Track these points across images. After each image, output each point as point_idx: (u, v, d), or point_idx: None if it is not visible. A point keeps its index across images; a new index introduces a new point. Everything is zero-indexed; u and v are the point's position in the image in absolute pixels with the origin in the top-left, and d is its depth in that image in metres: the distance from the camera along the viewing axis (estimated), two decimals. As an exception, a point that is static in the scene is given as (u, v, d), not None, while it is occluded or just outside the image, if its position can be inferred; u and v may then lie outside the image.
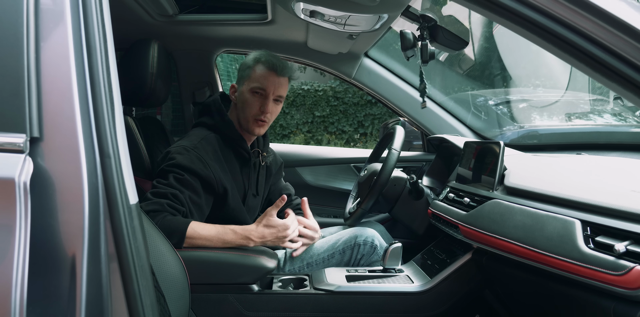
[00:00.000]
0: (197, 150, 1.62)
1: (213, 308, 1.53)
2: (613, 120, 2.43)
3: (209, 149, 1.66)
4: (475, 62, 3.10)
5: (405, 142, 2.08)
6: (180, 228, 1.47)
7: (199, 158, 1.61)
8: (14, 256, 0.73)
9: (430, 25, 1.61)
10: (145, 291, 0.83)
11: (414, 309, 1.60)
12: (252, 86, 1.71)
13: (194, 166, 1.58)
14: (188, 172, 1.57)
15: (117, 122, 0.84)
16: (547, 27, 0.92)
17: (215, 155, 1.67)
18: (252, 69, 1.72)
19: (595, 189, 1.17)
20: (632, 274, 0.94)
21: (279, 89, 1.72)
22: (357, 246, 1.78)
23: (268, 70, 1.70)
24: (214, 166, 1.64)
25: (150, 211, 1.46)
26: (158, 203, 1.49)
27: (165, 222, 1.45)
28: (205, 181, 1.60)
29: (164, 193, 1.52)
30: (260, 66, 1.71)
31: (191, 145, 1.63)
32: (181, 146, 1.63)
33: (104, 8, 0.86)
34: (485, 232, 1.38)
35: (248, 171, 1.78)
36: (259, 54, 1.75)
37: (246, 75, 1.73)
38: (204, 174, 1.59)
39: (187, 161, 1.58)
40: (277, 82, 1.71)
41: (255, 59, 1.73)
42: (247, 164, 1.78)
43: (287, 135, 9.10)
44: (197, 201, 1.58)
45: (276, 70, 1.70)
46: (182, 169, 1.57)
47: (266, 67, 1.71)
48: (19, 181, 0.74)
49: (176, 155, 1.59)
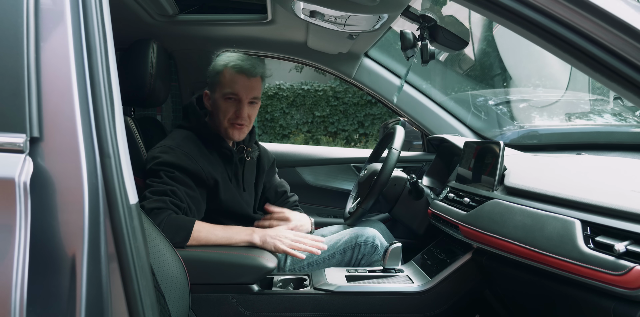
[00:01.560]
0: (181, 147, 1.64)
1: (213, 308, 1.53)
2: (613, 120, 2.43)
3: (192, 146, 1.67)
4: (475, 62, 3.10)
5: (405, 142, 2.08)
6: (187, 225, 1.50)
7: (185, 154, 1.62)
8: (14, 256, 0.73)
9: (430, 25, 1.61)
10: (145, 291, 0.83)
11: (414, 309, 1.60)
12: (224, 92, 1.69)
13: (182, 162, 1.59)
14: (177, 169, 1.58)
15: (117, 122, 0.84)
16: (547, 27, 0.92)
17: (199, 151, 1.68)
18: (222, 74, 1.70)
19: (595, 189, 1.17)
20: (632, 274, 0.94)
21: (252, 91, 1.70)
22: (358, 245, 1.78)
23: (237, 74, 1.67)
24: (201, 160, 1.65)
25: (154, 208, 1.48)
26: (161, 200, 1.50)
27: (171, 219, 1.48)
28: (194, 175, 1.61)
29: (163, 190, 1.53)
30: (229, 71, 1.68)
31: (174, 144, 1.65)
32: (165, 146, 1.65)
33: (104, 8, 0.86)
34: (485, 232, 1.38)
35: (233, 167, 1.78)
36: (226, 58, 1.72)
37: (216, 81, 1.71)
38: (192, 168, 1.60)
39: (174, 158, 1.60)
40: (249, 85, 1.69)
41: (224, 64, 1.70)
42: (230, 161, 1.77)
43: (287, 135, 9.10)
44: (193, 195, 1.60)
45: (245, 72, 1.67)
46: (170, 167, 1.58)
47: (235, 71, 1.68)
48: (19, 181, 0.74)
49: (162, 154, 1.61)
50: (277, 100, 9.01)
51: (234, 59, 1.70)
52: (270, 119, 9.08)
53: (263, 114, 9.02)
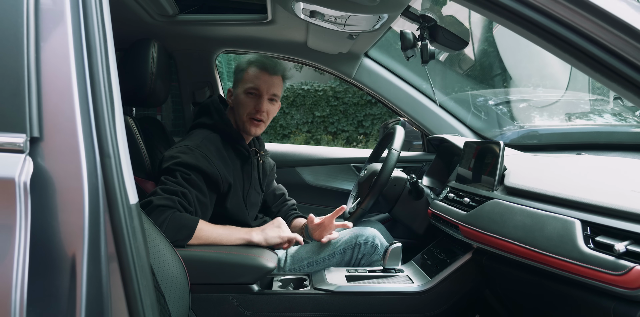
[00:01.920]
0: (200, 149, 1.65)
1: (213, 308, 1.53)
2: (613, 120, 2.43)
3: (211, 148, 1.68)
4: (475, 62, 3.10)
5: (405, 142, 2.08)
6: (190, 224, 1.52)
7: (204, 156, 1.63)
8: (14, 256, 0.73)
9: (430, 25, 1.61)
10: (145, 291, 0.83)
11: (414, 309, 1.60)
12: (246, 87, 1.76)
13: (200, 163, 1.61)
14: (194, 171, 1.59)
15: (117, 122, 0.84)
16: (547, 27, 0.92)
17: (218, 154, 1.69)
18: (245, 71, 1.78)
19: (595, 189, 1.17)
20: (632, 274, 0.94)
21: (272, 87, 1.76)
22: (358, 245, 1.78)
23: (260, 71, 1.76)
24: (218, 163, 1.66)
25: (162, 205, 1.49)
26: (170, 199, 1.52)
27: (175, 216, 1.49)
28: (210, 178, 1.62)
29: (174, 190, 1.54)
30: (253, 67, 1.77)
31: (194, 145, 1.66)
32: (185, 146, 1.66)
33: (104, 8, 0.86)
34: (485, 232, 1.38)
35: (249, 169, 1.81)
36: (252, 57, 1.81)
37: (240, 78, 1.79)
38: (209, 171, 1.62)
39: (193, 159, 1.61)
40: (270, 81, 1.76)
41: (248, 61, 1.79)
42: (247, 162, 1.81)
43: (288, 135, 9.10)
44: (203, 201, 1.61)
45: (268, 70, 1.76)
46: (188, 168, 1.59)
47: (258, 67, 1.76)
48: (19, 180, 0.74)
49: (181, 155, 1.62)
50: (277, 100, 9.01)
51: (258, 57, 1.80)
52: (270, 119, 9.09)
53: (263, 114, 9.02)
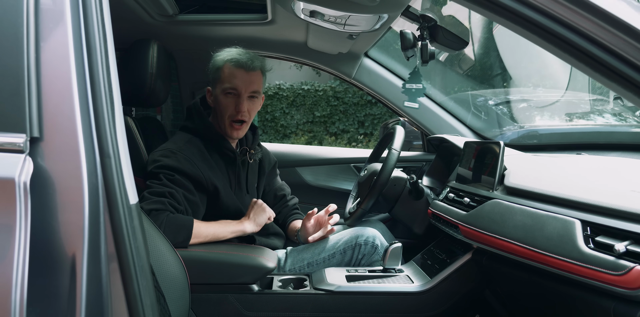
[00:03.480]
0: (182, 151, 1.64)
1: (213, 308, 1.53)
2: (613, 120, 2.43)
3: (194, 150, 1.67)
4: (475, 62, 3.09)
5: (405, 142, 2.08)
6: (187, 224, 1.51)
7: (186, 158, 1.62)
8: (14, 256, 0.73)
9: (430, 25, 1.61)
10: (145, 291, 0.83)
11: (414, 309, 1.60)
12: (223, 87, 1.70)
13: (182, 166, 1.60)
14: (177, 172, 1.59)
15: (117, 122, 0.84)
16: (547, 27, 0.92)
17: (201, 156, 1.68)
18: (221, 69, 1.72)
19: (595, 189, 1.17)
20: (632, 274, 0.94)
21: (251, 85, 1.70)
22: (358, 245, 1.78)
23: (236, 68, 1.69)
24: (202, 165, 1.65)
25: (153, 209, 1.48)
26: (160, 202, 1.51)
27: (170, 219, 1.48)
28: (195, 180, 1.61)
29: (161, 192, 1.54)
30: (228, 65, 1.70)
31: (176, 148, 1.65)
32: (167, 149, 1.65)
33: (104, 8, 0.86)
34: (485, 232, 1.38)
35: (235, 169, 1.79)
36: (225, 54, 1.73)
37: (217, 77, 1.73)
38: (192, 173, 1.61)
39: (175, 162, 1.60)
40: (248, 78, 1.70)
41: (222, 59, 1.72)
42: (233, 163, 1.78)
43: (288, 135, 9.10)
44: (192, 199, 1.60)
45: (244, 66, 1.69)
46: (171, 170, 1.59)
47: (233, 65, 1.69)
48: (19, 180, 0.74)
49: (163, 158, 1.61)
50: (277, 100, 9.00)
51: (233, 54, 1.72)
52: (270, 119, 9.08)
53: (263, 114, 9.02)
